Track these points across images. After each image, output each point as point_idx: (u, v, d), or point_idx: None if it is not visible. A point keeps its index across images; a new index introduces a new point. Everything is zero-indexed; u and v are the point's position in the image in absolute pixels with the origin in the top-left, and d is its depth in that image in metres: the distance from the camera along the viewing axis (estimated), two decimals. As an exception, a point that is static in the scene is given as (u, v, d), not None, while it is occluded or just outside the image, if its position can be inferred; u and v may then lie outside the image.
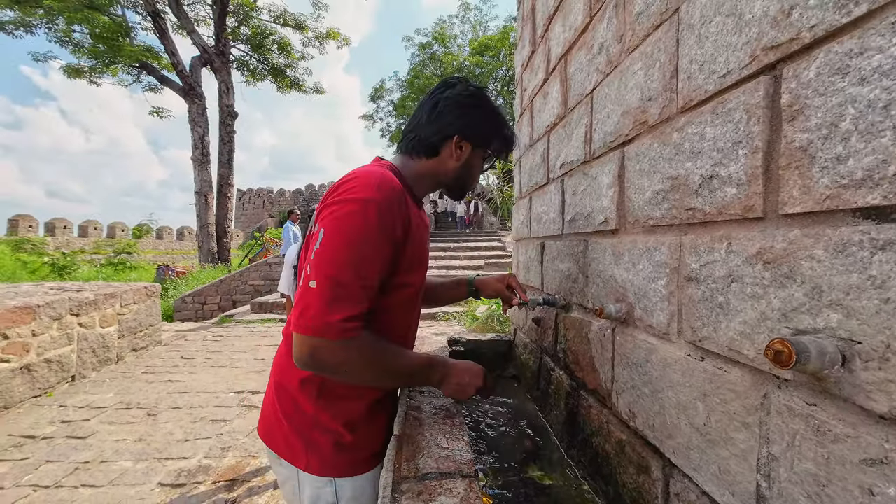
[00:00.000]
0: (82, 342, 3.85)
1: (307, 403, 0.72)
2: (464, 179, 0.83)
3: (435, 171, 0.80)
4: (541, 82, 1.35)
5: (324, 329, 0.61)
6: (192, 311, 8.69)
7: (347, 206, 0.64)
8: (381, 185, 0.66)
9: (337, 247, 0.63)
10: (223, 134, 13.05)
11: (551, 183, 1.24)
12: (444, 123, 0.78)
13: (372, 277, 0.65)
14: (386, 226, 0.65)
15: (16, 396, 3.19)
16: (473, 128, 0.79)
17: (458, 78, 0.84)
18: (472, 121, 0.79)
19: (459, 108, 0.78)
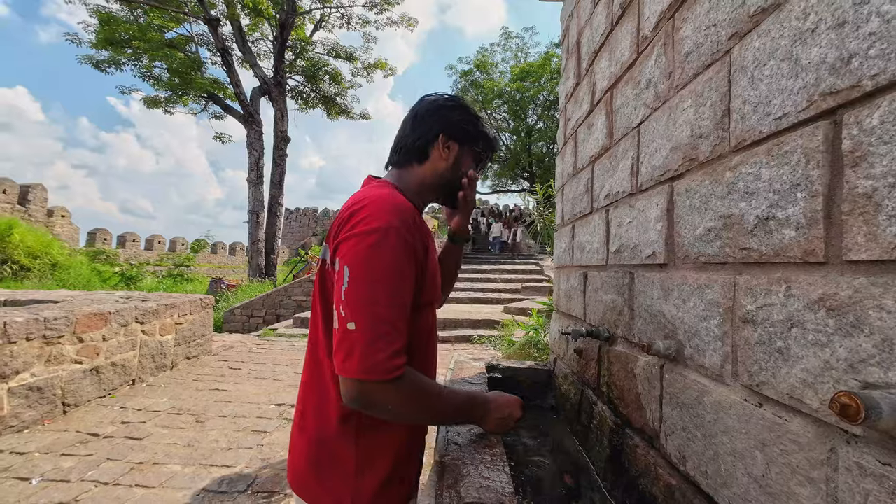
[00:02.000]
0: (143, 348, 4.15)
1: (348, 448, 0.68)
2: (448, 177, 0.81)
3: (428, 176, 0.80)
4: (585, 113, 1.37)
5: (372, 369, 0.59)
6: (239, 323, 9.15)
7: (369, 239, 0.62)
8: (395, 208, 0.65)
9: (369, 282, 0.61)
10: (276, 157, 13.97)
11: (595, 213, 1.24)
12: (428, 126, 0.79)
13: (407, 305, 0.64)
14: (409, 250, 0.64)
15: (84, 396, 3.48)
16: (456, 125, 0.79)
17: (435, 92, 0.86)
18: (454, 119, 0.80)
19: (439, 109, 0.80)
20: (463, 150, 0.80)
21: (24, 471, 2.46)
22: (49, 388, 3.16)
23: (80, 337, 3.44)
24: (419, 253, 0.67)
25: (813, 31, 0.46)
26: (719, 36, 0.65)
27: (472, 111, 0.83)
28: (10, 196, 14.53)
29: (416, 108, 0.82)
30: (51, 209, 16.30)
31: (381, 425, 0.69)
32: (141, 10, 12.50)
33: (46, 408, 3.14)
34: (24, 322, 2.98)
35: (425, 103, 0.82)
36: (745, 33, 0.59)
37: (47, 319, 3.15)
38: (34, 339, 3.06)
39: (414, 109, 0.82)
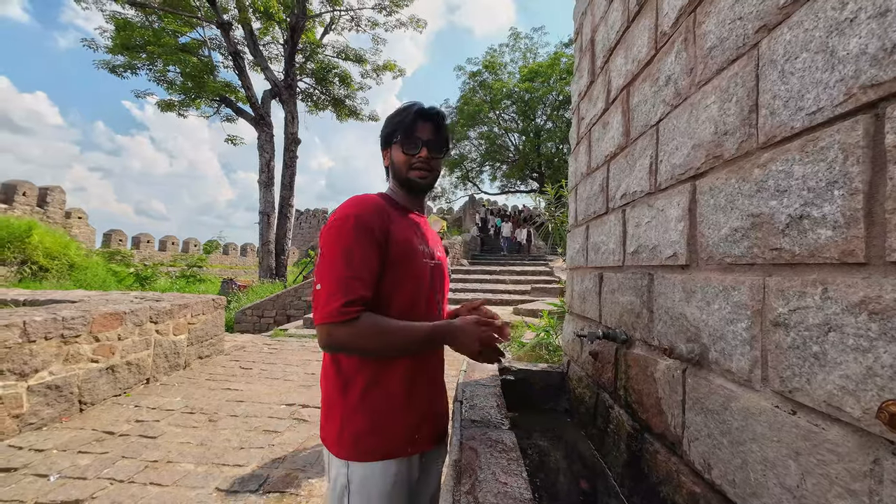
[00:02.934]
0: (157, 348, 4.21)
1: (338, 398, 0.88)
2: (396, 172, 0.98)
3: (392, 179, 1.01)
4: (600, 112, 1.34)
5: (329, 315, 0.79)
6: (250, 323, 9.25)
7: (333, 225, 0.85)
8: (356, 202, 0.88)
9: (331, 256, 0.82)
10: (287, 159, 14.11)
11: (611, 213, 1.21)
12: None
13: (360, 270, 0.82)
14: (366, 230, 0.84)
15: (100, 394, 3.54)
16: (382, 138, 1.00)
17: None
18: (382, 134, 1.01)
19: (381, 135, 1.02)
20: (390, 150, 0.99)
21: (43, 468, 2.50)
22: (66, 386, 3.22)
23: (97, 336, 3.50)
24: (376, 231, 0.85)
25: (852, 21, 0.44)
26: (745, 29, 0.63)
27: (392, 115, 1.00)
28: (29, 198, 14.89)
29: None
30: (68, 211, 16.67)
31: (360, 383, 0.86)
32: (155, 16, 12.73)
33: (64, 406, 3.19)
34: (42, 321, 3.04)
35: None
36: (774, 26, 0.57)
37: (65, 319, 3.21)
38: (52, 339, 3.12)
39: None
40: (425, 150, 0.95)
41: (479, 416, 0.96)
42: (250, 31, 13.36)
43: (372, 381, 0.86)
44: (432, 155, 0.96)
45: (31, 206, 14.89)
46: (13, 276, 12.06)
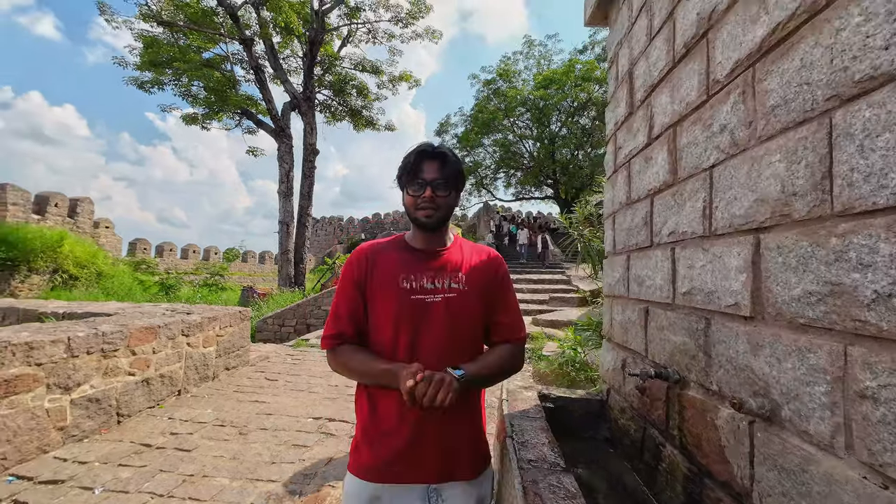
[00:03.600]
0: (188, 360, 4.33)
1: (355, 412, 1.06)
2: (407, 213, 1.03)
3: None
4: (641, 146, 1.36)
5: (321, 342, 1.03)
6: (271, 332, 9.41)
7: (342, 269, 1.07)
8: (354, 250, 1.07)
9: (335, 292, 1.05)
10: (305, 169, 14.38)
11: (656, 248, 1.22)
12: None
13: (340, 308, 1.01)
14: (349, 273, 1.02)
15: (136, 406, 3.66)
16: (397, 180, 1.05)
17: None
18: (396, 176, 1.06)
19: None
20: (404, 194, 1.03)
21: (87, 480, 2.60)
22: (105, 399, 3.33)
23: (133, 350, 3.62)
24: (356, 273, 1.01)
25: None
26: (814, 95, 0.65)
27: (403, 158, 1.04)
28: (61, 209, 15.51)
29: None
30: (96, 221, 17.29)
31: (359, 402, 1.04)
32: (181, 33, 13.21)
33: (103, 418, 3.31)
34: (85, 337, 3.17)
35: None
36: (849, 98, 0.58)
37: (105, 334, 3.34)
38: (93, 353, 3.24)
39: None
40: (429, 189, 0.98)
41: (535, 454, 0.98)
42: (271, 45, 13.75)
43: (362, 403, 1.03)
44: (437, 194, 0.98)
45: (62, 216, 15.49)
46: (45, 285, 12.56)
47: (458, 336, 0.99)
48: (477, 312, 1.00)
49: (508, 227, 20.48)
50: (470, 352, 1.00)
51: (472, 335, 1.02)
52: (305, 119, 14.27)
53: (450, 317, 0.98)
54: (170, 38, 13.15)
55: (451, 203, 1.02)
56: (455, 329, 0.98)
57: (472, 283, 1.02)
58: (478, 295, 1.01)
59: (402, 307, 0.97)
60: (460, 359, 0.96)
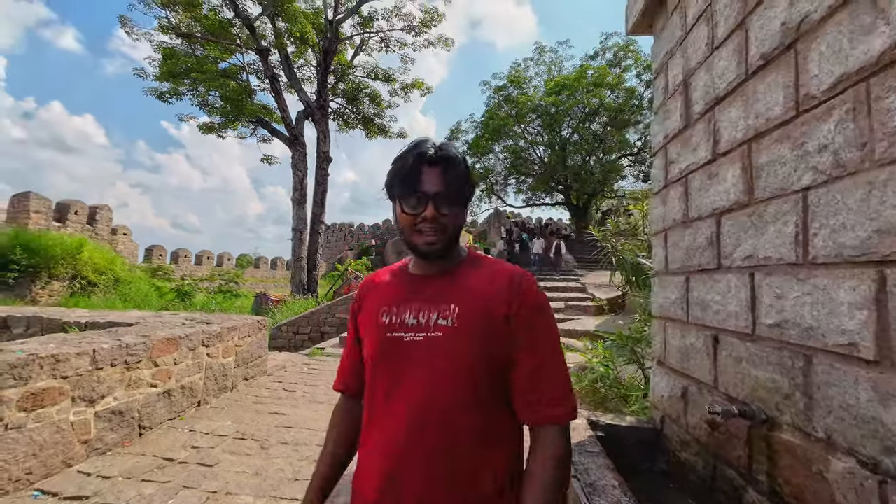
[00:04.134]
0: (208, 371, 4.32)
1: None
2: (401, 234, 0.80)
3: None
4: (703, 161, 1.28)
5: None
6: (285, 340, 9.41)
7: None
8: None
9: None
10: (318, 177, 14.49)
11: (726, 271, 1.14)
12: None
13: (343, 356, 0.93)
14: (350, 312, 0.91)
15: (157, 418, 3.63)
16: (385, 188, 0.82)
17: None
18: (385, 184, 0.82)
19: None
20: (395, 208, 0.80)
21: (111, 496, 2.56)
22: (128, 411, 3.32)
23: (156, 361, 3.61)
24: (353, 308, 0.90)
25: None
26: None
27: (394, 160, 0.81)
28: (80, 216, 15.83)
29: None
30: (114, 228, 17.61)
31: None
32: (199, 44, 13.47)
33: (126, 431, 3.29)
34: (109, 349, 3.16)
35: None
36: None
37: (129, 346, 3.33)
38: (117, 365, 3.23)
39: None
40: (431, 206, 0.74)
41: (608, 501, 0.90)
42: (286, 55, 13.94)
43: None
44: (442, 211, 0.75)
45: (81, 223, 15.81)
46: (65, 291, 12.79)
47: (446, 395, 0.71)
48: (468, 363, 0.71)
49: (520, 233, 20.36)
50: (468, 424, 0.71)
51: (471, 396, 0.71)
52: (319, 127, 14.40)
53: (431, 367, 0.72)
54: (188, 49, 13.42)
55: (460, 222, 0.79)
56: (439, 384, 0.72)
57: (466, 319, 0.73)
58: (473, 337, 0.72)
59: (376, 347, 0.78)
60: (452, 433, 0.70)
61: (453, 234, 0.78)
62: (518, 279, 0.77)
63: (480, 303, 0.75)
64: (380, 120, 16.65)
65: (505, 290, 0.75)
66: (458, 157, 0.78)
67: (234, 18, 13.25)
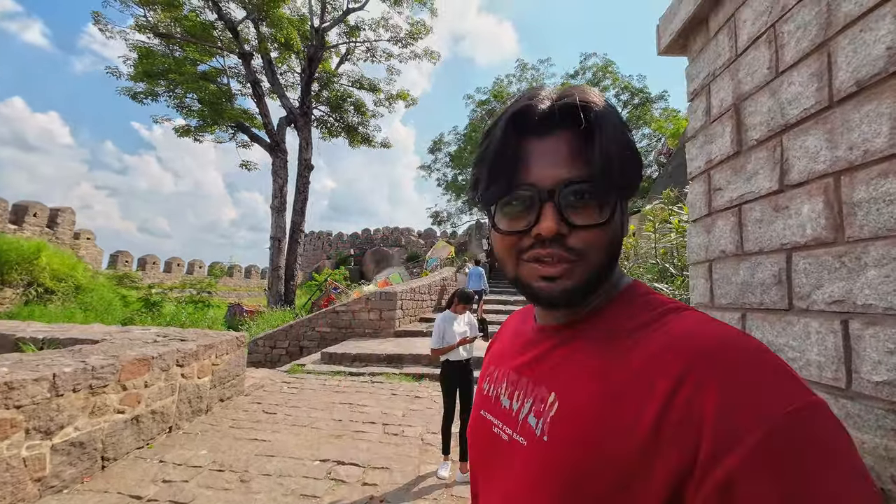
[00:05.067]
0: (181, 393, 3.97)
1: None
2: (503, 269, 0.47)
3: None
4: (765, 192, 1.20)
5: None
6: (262, 354, 8.96)
7: None
8: None
9: None
10: (299, 184, 14.12)
11: (804, 315, 1.04)
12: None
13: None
14: None
15: (123, 448, 3.28)
16: (471, 194, 0.49)
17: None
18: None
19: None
20: (489, 225, 0.48)
21: (68, 547, 2.25)
22: (91, 442, 2.97)
23: (124, 385, 3.27)
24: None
25: None
26: None
27: (482, 138, 0.48)
28: (40, 219, 14.83)
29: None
30: (77, 232, 16.59)
31: None
32: (178, 45, 13.00)
33: (86, 464, 2.94)
34: (72, 372, 2.83)
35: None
36: None
37: (94, 368, 3.00)
38: (81, 391, 2.90)
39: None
40: (550, 212, 0.41)
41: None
42: (269, 60, 13.64)
43: None
44: (575, 220, 0.41)
45: (40, 226, 14.81)
46: (19, 299, 11.84)
47: None
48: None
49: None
50: None
51: None
52: (301, 134, 14.09)
53: (507, 488, 0.44)
54: (165, 49, 12.92)
55: (614, 239, 0.43)
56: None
57: (562, 431, 0.40)
58: (562, 470, 0.38)
59: (472, 428, 0.55)
60: None
61: (605, 262, 0.43)
62: (728, 368, 0.33)
63: (597, 401, 0.38)
64: (364, 129, 16.46)
65: (669, 393, 0.34)
66: (605, 110, 0.43)
67: (217, 21, 12.88)
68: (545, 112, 0.42)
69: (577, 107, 0.41)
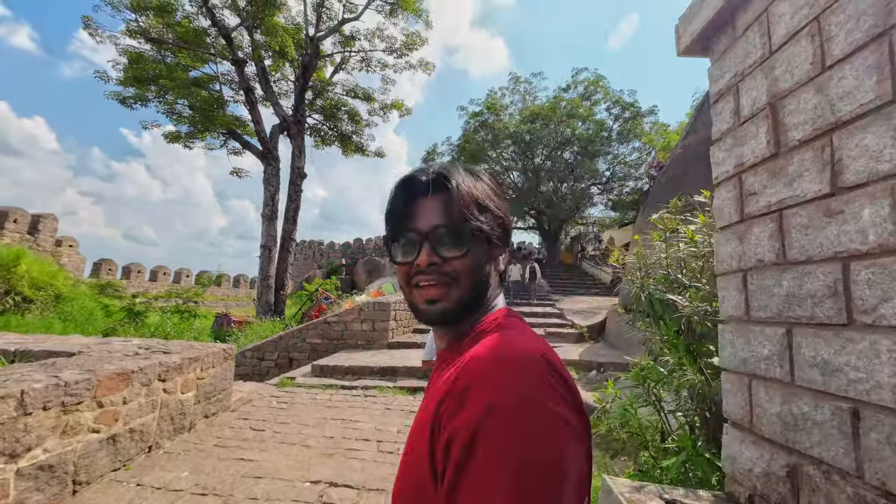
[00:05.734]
0: (163, 409, 3.74)
1: None
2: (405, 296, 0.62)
3: None
4: (811, 196, 1.10)
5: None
6: (249, 367, 8.67)
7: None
8: None
9: None
10: (291, 193, 13.93)
11: (870, 332, 0.94)
12: None
13: None
14: None
15: (97, 470, 3.04)
16: (384, 242, 0.65)
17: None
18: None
19: None
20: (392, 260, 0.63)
21: (30, 586, 2.02)
22: (61, 464, 2.74)
23: (100, 401, 3.05)
24: None
25: None
26: None
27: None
28: (20, 225, 14.36)
29: None
30: (59, 239, 16.10)
31: None
32: (169, 51, 12.84)
33: (56, 489, 2.70)
34: (42, 389, 2.61)
35: None
36: None
37: (68, 384, 2.78)
38: (52, 408, 2.68)
39: None
40: (426, 249, 0.55)
41: None
42: (263, 68, 13.54)
43: None
44: (443, 254, 0.55)
45: (21, 233, 14.33)
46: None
47: None
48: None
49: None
50: None
51: None
52: (294, 143, 13.95)
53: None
54: (157, 54, 12.75)
55: (476, 267, 0.56)
56: None
57: (404, 460, 0.53)
58: (404, 495, 0.51)
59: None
60: None
61: (471, 287, 0.56)
62: (463, 381, 0.44)
63: (413, 428, 0.52)
64: (357, 138, 16.39)
65: (439, 404, 0.45)
66: (462, 176, 0.59)
67: (210, 28, 12.78)
68: (424, 182, 0.58)
69: (446, 178, 0.57)
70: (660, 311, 2.34)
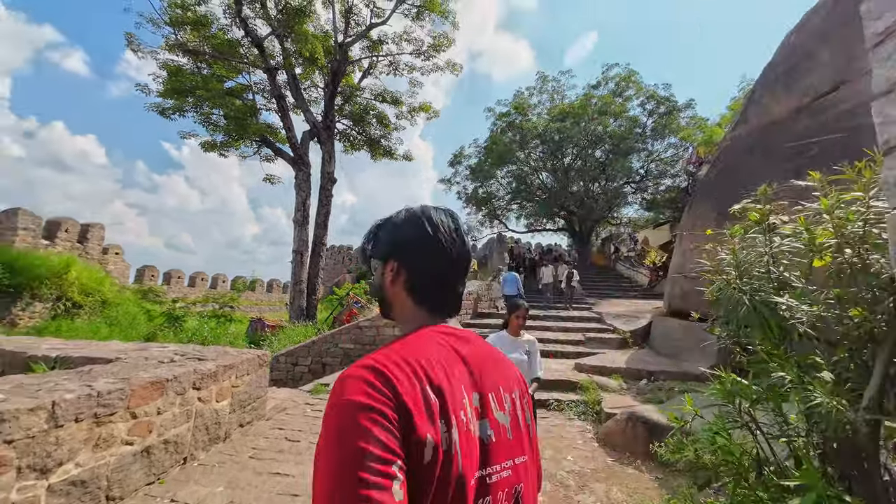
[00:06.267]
0: (198, 419, 3.60)
1: None
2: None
3: None
4: None
5: None
6: (283, 372, 8.62)
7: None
8: None
9: None
10: (322, 198, 14.00)
11: None
12: None
13: None
14: None
15: (131, 485, 2.91)
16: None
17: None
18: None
19: None
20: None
21: None
22: (94, 479, 2.60)
23: (134, 412, 2.91)
24: None
25: None
26: None
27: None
28: (71, 234, 15.14)
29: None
30: (106, 247, 16.89)
31: None
32: (205, 63, 13.23)
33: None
34: (74, 399, 2.48)
35: None
36: None
37: (100, 394, 2.65)
38: (84, 420, 2.54)
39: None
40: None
41: None
42: (293, 75, 13.72)
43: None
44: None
45: (71, 242, 15.10)
46: (47, 313, 11.95)
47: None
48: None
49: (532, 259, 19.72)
50: None
51: None
52: (324, 148, 14.04)
53: None
54: (193, 67, 13.16)
55: (377, 280, 0.80)
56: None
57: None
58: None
59: None
60: None
61: (381, 297, 0.79)
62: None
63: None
64: (386, 142, 16.37)
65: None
66: (365, 241, 0.83)
67: (244, 38, 13.07)
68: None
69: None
70: (766, 315, 1.94)
